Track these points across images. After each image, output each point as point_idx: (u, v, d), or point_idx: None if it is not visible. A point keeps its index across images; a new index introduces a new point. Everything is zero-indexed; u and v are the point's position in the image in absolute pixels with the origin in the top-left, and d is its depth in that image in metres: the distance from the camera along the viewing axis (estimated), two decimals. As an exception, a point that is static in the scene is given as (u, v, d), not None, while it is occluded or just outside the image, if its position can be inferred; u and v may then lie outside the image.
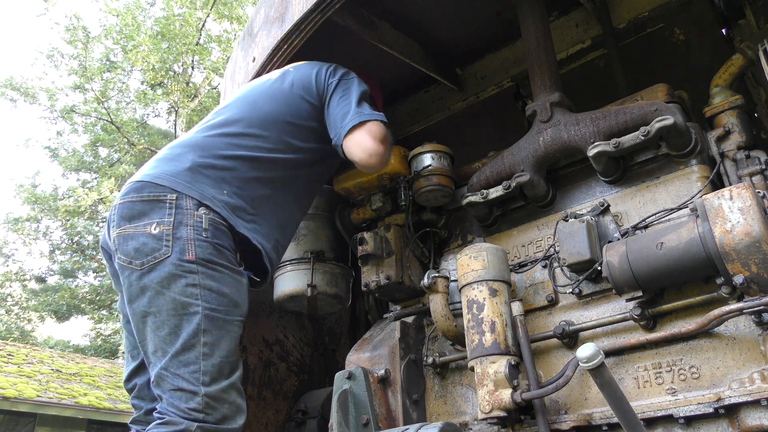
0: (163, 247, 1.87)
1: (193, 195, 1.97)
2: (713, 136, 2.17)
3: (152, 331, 1.85)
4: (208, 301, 1.86)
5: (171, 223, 1.90)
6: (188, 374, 1.79)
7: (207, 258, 1.90)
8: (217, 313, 1.87)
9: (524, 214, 2.50)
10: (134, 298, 1.89)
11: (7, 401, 10.38)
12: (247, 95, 2.33)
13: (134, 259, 1.89)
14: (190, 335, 1.82)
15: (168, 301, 1.84)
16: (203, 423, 1.76)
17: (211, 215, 1.96)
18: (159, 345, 1.84)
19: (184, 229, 1.90)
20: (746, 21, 2.68)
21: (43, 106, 20.65)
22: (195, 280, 1.86)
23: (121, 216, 1.96)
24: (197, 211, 1.94)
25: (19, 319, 20.84)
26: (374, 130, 2.18)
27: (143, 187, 1.98)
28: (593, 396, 2.02)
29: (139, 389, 2.12)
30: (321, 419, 2.73)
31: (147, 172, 2.06)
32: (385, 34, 2.90)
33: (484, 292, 2.10)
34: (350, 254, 2.94)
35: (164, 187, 1.97)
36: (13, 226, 19.85)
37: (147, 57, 17.54)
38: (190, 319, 1.83)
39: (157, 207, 1.93)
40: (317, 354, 3.19)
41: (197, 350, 1.81)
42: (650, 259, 1.84)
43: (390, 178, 2.62)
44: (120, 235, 1.94)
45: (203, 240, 1.91)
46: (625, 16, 2.98)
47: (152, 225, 1.90)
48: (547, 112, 2.33)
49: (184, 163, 2.05)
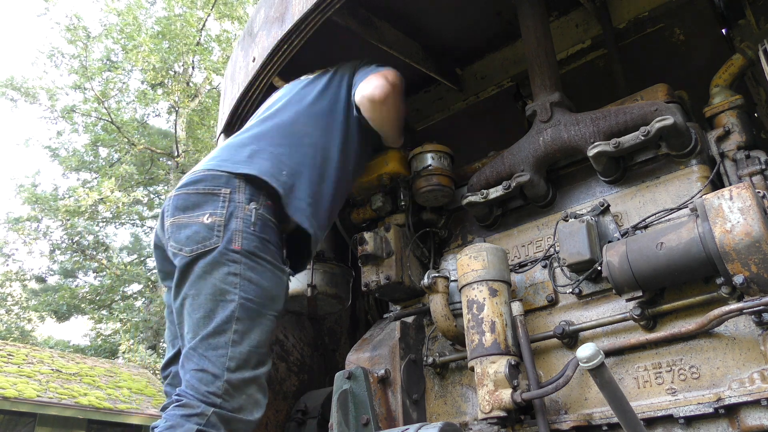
0: (213, 237, 1.96)
1: (252, 173, 2.07)
2: (713, 136, 2.17)
3: (188, 313, 1.92)
4: (246, 291, 1.92)
5: (223, 215, 1.99)
6: (215, 357, 1.83)
7: (252, 250, 1.97)
8: (253, 304, 1.93)
9: (524, 214, 2.50)
10: (179, 282, 1.97)
11: (7, 401, 10.39)
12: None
13: (185, 246, 1.97)
14: (224, 321, 1.87)
15: (208, 285, 1.91)
16: (220, 409, 1.78)
17: (261, 210, 2.06)
18: (192, 326, 1.90)
19: (234, 221, 1.99)
20: (746, 21, 2.68)
21: (44, 105, 20.66)
22: (237, 270, 1.93)
23: (176, 206, 2.06)
24: (248, 205, 2.04)
25: (19, 319, 20.85)
26: (387, 73, 2.38)
27: (200, 180, 2.08)
28: (593, 396, 2.02)
29: (173, 376, 2.15)
30: (321, 419, 2.73)
31: (204, 164, 2.17)
32: (385, 34, 2.90)
33: (484, 292, 2.10)
34: (350, 254, 2.94)
35: (220, 179, 2.07)
36: (13, 226, 19.86)
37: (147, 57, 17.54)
38: (225, 306, 1.89)
39: (212, 200, 2.03)
40: (317, 354, 3.19)
41: (227, 336, 1.86)
42: (650, 259, 1.84)
43: (390, 178, 2.63)
44: (174, 223, 2.03)
45: (251, 233, 2.00)
46: (625, 16, 2.98)
47: (205, 215, 2.00)
48: (547, 112, 2.33)
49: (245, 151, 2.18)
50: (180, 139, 19.99)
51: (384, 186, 2.65)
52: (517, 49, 3.21)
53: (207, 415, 1.75)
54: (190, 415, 1.75)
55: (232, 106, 2.97)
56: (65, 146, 21.31)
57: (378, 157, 2.67)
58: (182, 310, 1.95)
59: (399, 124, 2.58)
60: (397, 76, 2.41)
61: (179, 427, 1.73)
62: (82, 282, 20.90)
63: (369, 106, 2.35)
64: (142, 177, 20.52)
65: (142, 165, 20.65)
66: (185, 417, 1.75)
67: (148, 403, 13.08)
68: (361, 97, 2.35)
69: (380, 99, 2.32)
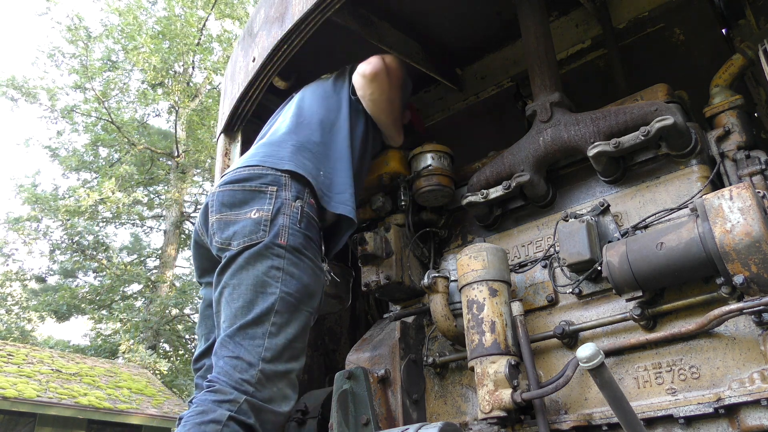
0: (260, 231, 1.99)
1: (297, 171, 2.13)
2: (713, 136, 2.17)
3: (227, 302, 1.93)
4: (288, 285, 1.94)
5: (270, 210, 2.03)
6: (251, 346, 1.84)
7: (296, 246, 2.01)
8: (293, 298, 1.95)
9: (524, 214, 2.50)
10: (221, 270, 2.00)
11: (7, 401, 10.39)
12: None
13: (233, 240, 2.00)
14: (263, 312, 1.88)
15: (250, 276, 1.93)
16: (252, 397, 1.78)
17: (306, 208, 2.10)
18: (230, 315, 1.91)
19: (281, 217, 2.03)
20: (746, 21, 2.68)
21: (44, 105, 20.65)
22: (280, 264, 1.96)
23: (222, 203, 2.09)
24: (294, 202, 2.07)
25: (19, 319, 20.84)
26: (384, 56, 2.45)
27: (246, 178, 2.11)
28: (593, 396, 2.02)
29: (206, 369, 2.17)
30: (321, 419, 2.73)
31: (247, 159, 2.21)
32: (385, 34, 2.90)
33: (484, 292, 2.10)
34: (350, 254, 2.94)
35: (266, 176, 2.11)
36: (13, 226, 19.85)
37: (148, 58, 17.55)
38: (266, 298, 1.90)
39: (259, 197, 2.06)
40: (317, 354, 3.19)
41: (265, 327, 1.87)
42: (650, 259, 1.84)
43: (390, 178, 2.63)
44: (220, 220, 2.06)
45: (297, 230, 2.03)
46: (625, 16, 2.98)
47: (253, 211, 2.03)
48: (547, 112, 2.33)
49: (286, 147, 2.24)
50: (180, 139, 19.99)
51: (384, 186, 2.65)
52: (517, 49, 3.21)
53: (239, 402, 1.75)
54: (222, 401, 1.74)
55: (232, 106, 2.98)
56: (65, 146, 21.31)
57: (378, 157, 2.67)
58: (221, 298, 1.96)
59: (393, 111, 2.60)
60: (395, 59, 2.48)
61: (211, 413, 1.72)
62: (82, 282, 20.90)
63: (361, 82, 2.42)
64: (142, 177, 20.52)
65: (142, 165, 20.65)
66: (217, 402, 1.74)
67: (148, 403, 13.08)
68: (355, 74, 2.44)
69: (371, 74, 2.39)
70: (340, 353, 3.27)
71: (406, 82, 2.70)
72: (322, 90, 2.54)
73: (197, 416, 1.73)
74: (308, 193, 2.14)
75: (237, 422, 1.73)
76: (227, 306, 1.93)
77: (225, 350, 1.85)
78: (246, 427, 1.74)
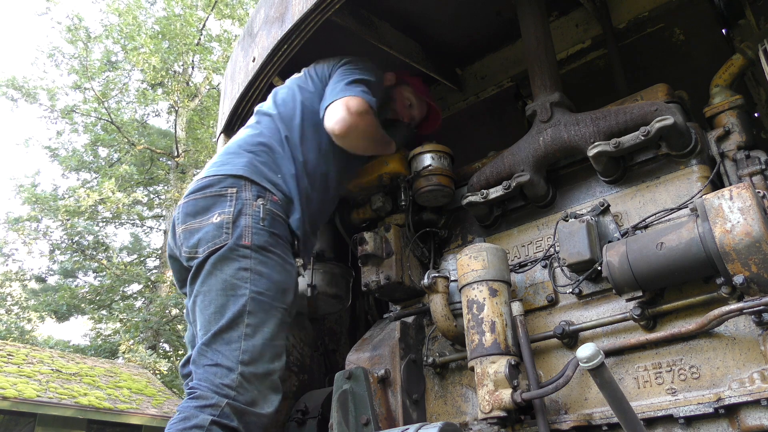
0: (223, 234, 1.98)
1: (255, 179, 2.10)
2: (713, 136, 2.17)
3: (200, 310, 1.93)
4: (257, 285, 1.94)
5: (231, 212, 2.03)
6: (228, 351, 1.85)
7: (262, 245, 2.00)
8: (264, 297, 1.95)
9: (524, 214, 2.50)
10: (192, 280, 2.02)
11: (7, 401, 10.38)
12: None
13: (198, 247, 2.00)
14: (236, 314, 1.89)
15: (219, 281, 1.93)
16: (233, 401, 1.79)
17: (268, 205, 2.08)
18: (204, 323, 1.91)
19: (243, 218, 2.02)
20: (746, 21, 2.68)
21: (44, 105, 20.65)
22: (247, 265, 1.95)
23: (186, 213, 2.10)
24: (255, 201, 2.06)
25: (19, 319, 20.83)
26: (351, 102, 2.24)
27: (207, 185, 2.12)
28: (593, 396, 2.02)
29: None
30: (321, 419, 2.73)
31: (207, 170, 2.20)
32: (385, 34, 2.90)
33: (484, 292, 2.10)
34: (350, 254, 2.94)
35: (225, 180, 2.09)
36: (13, 226, 19.84)
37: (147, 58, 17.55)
38: (236, 301, 1.90)
39: (220, 201, 2.06)
40: (317, 354, 3.19)
41: (240, 330, 1.87)
42: (650, 259, 1.84)
43: (390, 178, 2.62)
44: (185, 230, 2.07)
45: (261, 228, 2.03)
46: (625, 16, 2.98)
47: (214, 216, 2.03)
48: (547, 112, 2.33)
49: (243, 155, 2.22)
50: (180, 139, 19.98)
51: (384, 186, 2.65)
52: (517, 49, 3.21)
53: (221, 407, 1.77)
54: (204, 406, 1.77)
55: (232, 106, 2.97)
56: (65, 146, 21.30)
57: (378, 157, 2.67)
58: (194, 307, 1.97)
59: (375, 145, 2.50)
60: (362, 102, 2.26)
61: (194, 418, 1.75)
62: (82, 282, 20.89)
63: (335, 138, 2.29)
64: (142, 177, 20.51)
65: (142, 165, 20.64)
66: (199, 408, 1.77)
67: (148, 403, 13.08)
68: (326, 128, 2.30)
69: (341, 134, 2.25)
70: (340, 353, 3.27)
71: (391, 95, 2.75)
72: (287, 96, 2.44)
73: (180, 423, 1.75)
74: (270, 191, 2.13)
75: (220, 426, 1.75)
76: (201, 314, 1.93)
77: (204, 359, 1.86)
78: (229, 430, 1.76)
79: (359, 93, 2.27)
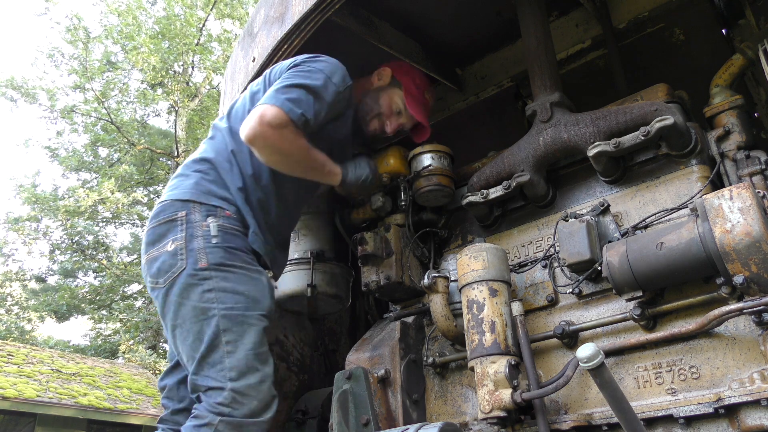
0: (179, 262, 1.98)
1: (203, 200, 2.08)
2: (713, 136, 2.17)
3: (181, 342, 1.97)
4: (224, 301, 1.95)
5: (183, 238, 2.02)
6: (215, 373, 1.88)
7: (219, 262, 1.99)
8: (235, 311, 1.95)
9: (524, 214, 2.50)
10: (164, 314, 2.02)
11: (7, 401, 10.38)
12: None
13: (158, 278, 2.01)
14: (212, 337, 1.91)
15: (189, 310, 1.95)
16: (227, 417, 1.84)
17: (220, 221, 2.05)
18: (188, 353, 1.95)
19: (195, 241, 2.01)
20: (746, 21, 2.68)
21: (43, 106, 20.65)
22: (210, 285, 1.96)
23: (147, 242, 2.11)
24: (205, 221, 2.04)
25: (19, 319, 20.83)
26: (267, 112, 2.00)
27: (160, 211, 2.11)
28: (593, 396, 2.02)
29: (169, 389, 2.22)
30: (321, 419, 2.73)
31: (164, 193, 2.19)
32: (385, 34, 2.90)
33: (484, 292, 2.10)
34: (350, 254, 2.93)
35: (175, 204, 2.08)
36: (13, 226, 19.84)
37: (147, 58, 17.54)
38: (209, 323, 1.93)
39: (172, 227, 2.05)
40: (317, 354, 3.19)
41: (221, 349, 1.90)
42: (650, 259, 1.84)
43: (390, 177, 2.62)
44: (147, 260, 2.09)
45: (213, 246, 2.01)
46: (625, 16, 2.98)
47: (169, 243, 2.03)
48: (547, 112, 2.33)
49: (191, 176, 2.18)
50: (180, 139, 19.98)
51: (384, 186, 2.65)
52: (517, 49, 3.21)
53: (214, 425, 1.83)
54: (200, 426, 1.84)
55: (232, 106, 2.97)
56: (65, 146, 21.30)
57: (378, 156, 2.67)
58: (175, 340, 2.00)
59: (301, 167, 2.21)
60: (278, 114, 2.00)
61: None
62: (82, 282, 20.89)
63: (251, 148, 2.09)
64: (142, 177, 20.51)
65: (142, 165, 20.64)
66: (195, 427, 1.84)
67: (148, 403, 13.08)
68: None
69: (249, 144, 2.05)
70: (340, 353, 3.27)
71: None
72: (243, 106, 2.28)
73: None
74: (222, 207, 2.10)
75: None
76: (183, 346, 1.97)
77: (199, 387, 1.91)
78: None
79: (283, 103, 2.02)
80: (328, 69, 2.22)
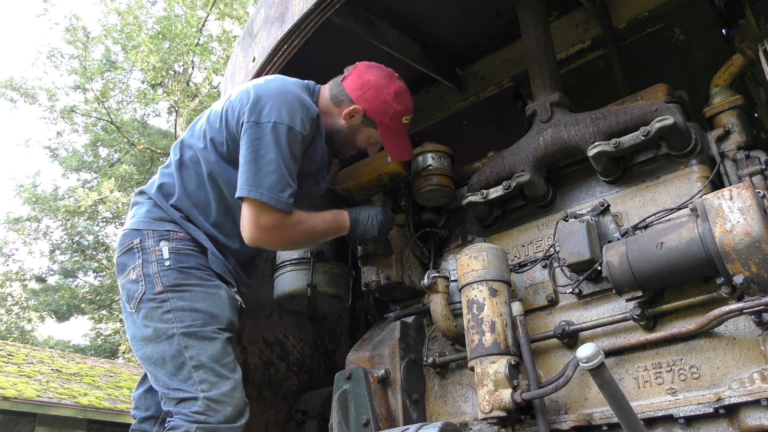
0: (139, 288, 2.08)
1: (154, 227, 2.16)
2: (713, 136, 2.17)
3: (149, 364, 2.05)
4: (183, 320, 2.03)
5: (140, 265, 2.11)
6: (187, 386, 1.96)
7: (173, 284, 2.07)
8: (193, 328, 2.03)
9: (524, 214, 2.50)
10: (133, 338, 2.11)
11: (7, 401, 10.37)
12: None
13: (129, 304, 2.12)
14: (175, 354, 2.00)
15: (151, 332, 2.04)
16: (204, 424, 1.91)
17: (173, 243, 2.13)
18: (156, 373, 2.03)
19: (150, 266, 2.09)
20: (746, 21, 2.68)
21: (43, 106, 20.64)
22: (168, 307, 2.04)
23: (117, 272, 2.21)
24: (158, 246, 2.12)
25: (19, 319, 20.83)
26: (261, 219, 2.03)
27: (121, 242, 2.20)
28: (593, 396, 2.02)
29: (137, 399, 2.31)
30: (321, 419, 2.73)
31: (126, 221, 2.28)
32: (385, 34, 2.90)
33: (484, 292, 2.10)
34: (350, 254, 2.93)
35: (131, 234, 2.18)
36: (13, 226, 19.84)
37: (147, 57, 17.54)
38: (170, 342, 2.01)
39: (131, 255, 2.15)
40: (317, 354, 3.19)
41: (187, 365, 1.98)
42: (650, 259, 1.84)
43: (390, 178, 2.62)
44: (121, 286, 2.18)
45: (167, 269, 2.08)
46: (625, 16, 2.98)
47: (130, 271, 2.13)
48: (547, 112, 2.33)
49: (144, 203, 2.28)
50: (180, 139, 19.95)
51: (384, 186, 2.65)
52: (517, 49, 3.21)
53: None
54: None
55: (232, 106, 2.97)
56: (65, 146, 21.29)
57: (378, 156, 2.67)
58: (144, 362, 2.07)
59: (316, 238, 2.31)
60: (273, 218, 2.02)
61: None
62: (82, 282, 20.88)
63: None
64: (142, 177, 20.50)
65: (142, 165, 20.63)
66: None
67: (148, 403, 13.06)
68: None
69: (254, 245, 2.13)
70: (340, 353, 3.27)
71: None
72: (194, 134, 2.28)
73: None
74: (174, 230, 2.16)
75: None
76: (153, 368, 2.04)
77: (171, 400, 1.98)
78: None
79: (269, 197, 1.99)
80: (287, 118, 2.06)
